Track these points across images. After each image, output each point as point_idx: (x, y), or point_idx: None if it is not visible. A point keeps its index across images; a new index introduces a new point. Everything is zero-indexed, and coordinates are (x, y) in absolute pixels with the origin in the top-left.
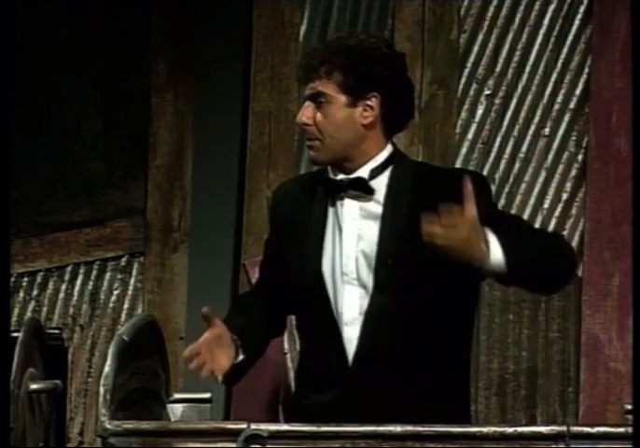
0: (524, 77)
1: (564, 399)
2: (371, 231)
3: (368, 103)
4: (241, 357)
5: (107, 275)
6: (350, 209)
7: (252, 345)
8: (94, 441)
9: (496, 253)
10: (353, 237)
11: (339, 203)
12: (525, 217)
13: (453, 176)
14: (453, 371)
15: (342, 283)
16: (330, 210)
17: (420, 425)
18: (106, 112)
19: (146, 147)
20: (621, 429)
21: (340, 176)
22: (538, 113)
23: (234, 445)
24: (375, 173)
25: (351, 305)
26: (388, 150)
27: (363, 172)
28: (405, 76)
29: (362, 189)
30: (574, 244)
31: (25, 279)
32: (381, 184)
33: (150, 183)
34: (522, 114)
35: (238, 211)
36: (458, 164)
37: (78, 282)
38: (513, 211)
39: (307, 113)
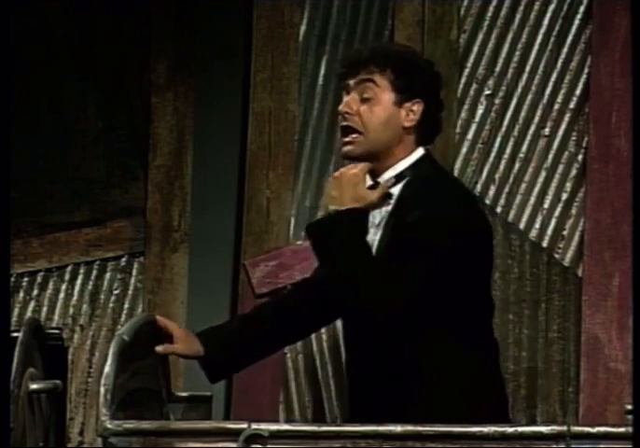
0: (524, 76)
1: (564, 398)
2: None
3: (413, 107)
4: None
5: (107, 275)
6: (371, 216)
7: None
8: (94, 441)
9: None
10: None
11: None
12: (525, 217)
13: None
14: None
15: None
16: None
17: (420, 425)
18: (106, 112)
19: (146, 147)
20: (621, 429)
21: (369, 183)
22: (538, 113)
23: (235, 445)
24: (395, 181)
25: None
26: (412, 159)
27: (383, 179)
28: (440, 94)
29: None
30: (574, 243)
31: (25, 279)
32: (394, 194)
33: (150, 183)
34: (522, 114)
35: (238, 211)
36: (458, 164)
37: (78, 282)
38: (513, 211)
39: (352, 104)
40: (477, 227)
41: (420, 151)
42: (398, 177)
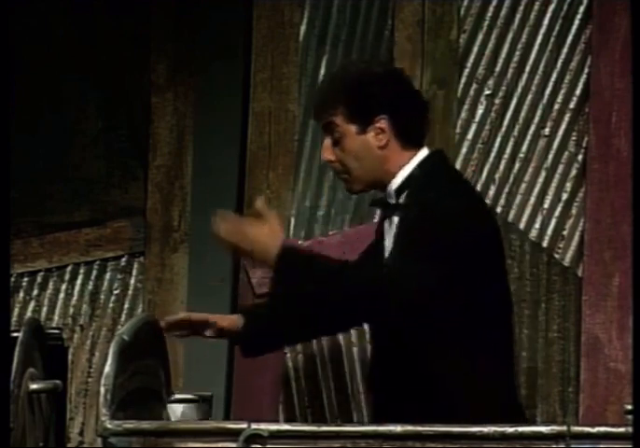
0: (524, 76)
1: (564, 398)
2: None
3: (379, 125)
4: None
5: (107, 275)
6: (386, 227)
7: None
8: (94, 441)
9: None
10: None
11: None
12: (525, 217)
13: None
14: None
15: None
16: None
17: (420, 425)
18: (106, 112)
19: (146, 147)
20: (621, 429)
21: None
22: (538, 113)
23: (235, 445)
24: (399, 193)
25: None
26: (411, 166)
27: (388, 193)
28: (407, 88)
29: (389, 209)
30: (574, 243)
31: (25, 279)
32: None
33: (150, 183)
34: (522, 114)
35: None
36: (458, 164)
37: (78, 282)
38: (513, 211)
39: (327, 151)
40: (482, 224)
41: (421, 155)
42: (402, 188)
